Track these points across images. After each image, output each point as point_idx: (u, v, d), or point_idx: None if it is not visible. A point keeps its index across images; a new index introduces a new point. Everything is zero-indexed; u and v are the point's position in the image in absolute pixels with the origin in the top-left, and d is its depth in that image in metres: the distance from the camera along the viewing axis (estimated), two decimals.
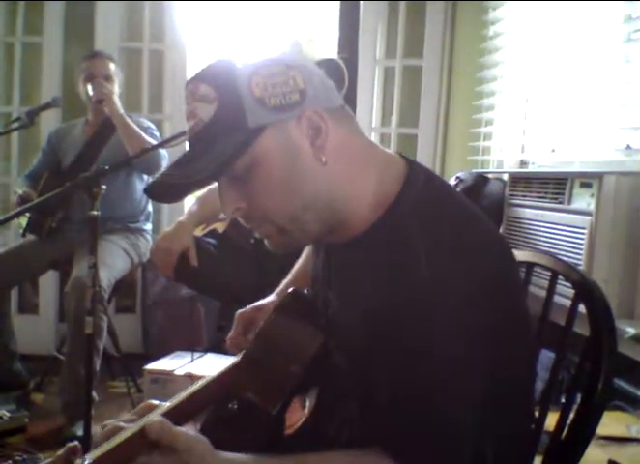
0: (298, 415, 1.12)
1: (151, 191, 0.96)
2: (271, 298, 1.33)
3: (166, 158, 3.01)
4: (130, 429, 0.90)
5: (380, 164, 0.99)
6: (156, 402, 1.01)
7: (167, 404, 0.96)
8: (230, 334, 1.24)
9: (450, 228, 0.91)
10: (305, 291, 1.20)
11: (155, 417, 0.88)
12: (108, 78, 3.04)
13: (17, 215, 2.15)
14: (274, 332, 1.04)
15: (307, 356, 1.00)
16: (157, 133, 3.16)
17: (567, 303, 1.20)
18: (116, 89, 3.09)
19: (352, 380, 0.98)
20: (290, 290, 1.15)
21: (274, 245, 1.00)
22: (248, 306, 1.28)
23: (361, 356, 0.93)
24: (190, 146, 0.95)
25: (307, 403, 1.12)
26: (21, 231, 2.94)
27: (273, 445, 0.94)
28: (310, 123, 0.92)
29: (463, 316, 0.86)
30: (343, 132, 0.96)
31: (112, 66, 3.08)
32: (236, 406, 1.01)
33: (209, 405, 1.00)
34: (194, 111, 0.93)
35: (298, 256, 1.46)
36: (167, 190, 0.95)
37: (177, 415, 0.93)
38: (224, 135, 0.90)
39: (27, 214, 2.90)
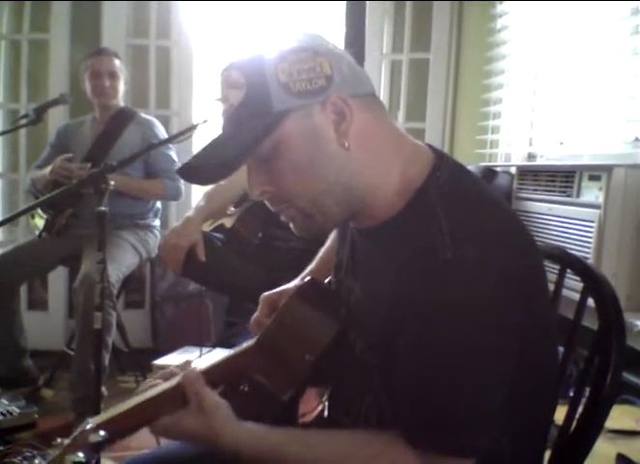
0: (313, 404, 1.12)
1: (184, 174, 1.00)
2: (295, 282, 1.33)
3: (176, 162, 3.04)
4: (164, 385, 0.95)
5: (407, 152, 0.99)
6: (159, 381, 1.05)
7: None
8: (255, 315, 1.25)
9: (478, 216, 0.91)
10: (326, 281, 1.21)
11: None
12: (113, 75, 3.04)
13: (27, 211, 2.15)
14: (289, 318, 1.05)
15: (321, 345, 1.01)
16: (162, 131, 3.15)
17: (576, 296, 1.20)
18: (121, 86, 3.09)
19: (374, 371, 0.98)
20: (308, 278, 1.16)
21: (299, 228, 1.02)
22: (275, 289, 1.29)
23: (385, 344, 0.94)
24: (222, 129, 0.98)
25: (325, 395, 1.12)
26: (37, 232, 2.93)
27: None
28: (335, 108, 0.93)
29: (489, 299, 0.85)
30: (370, 119, 0.97)
31: (117, 62, 3.08)
32: (247, 388, 1.01)
33: (220, 384, 1.01)
34: (227, 97, 0.96)
35: (310, 251, 1.46)
36: (198, 172, 0.98)
37: None
38: (251, 119, 0.93)
39: (44, 215, 2.90)
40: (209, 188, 2.47)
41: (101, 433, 0.88)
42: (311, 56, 0.92)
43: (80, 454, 0.86)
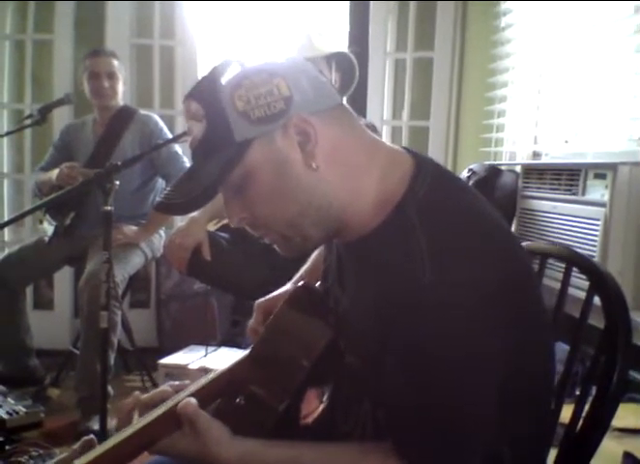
0: (314, 405, 1.12)
1: (161, 209, 0.99)
2: (288, 286, 1.33)
3: (186, 161, 3.04)
4: (158, 410, 0.94)
5: (383, 163, 0.97)
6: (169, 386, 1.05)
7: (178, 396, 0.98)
8: (250, 323, 1.26)
9: (458, 231, 0.89)
10: (317, 284, 1.20)
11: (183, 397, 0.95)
12: (112, 75, 3.03)
13: (32, 211, 2.16)
14: (283, 325, 1.04)
15: (316, 351, 1.00)
16: (161, 126, 3.14)
17: (582, 294, 1.19)
18: (120, 86, 3.09)
19: (365, 381, 0.98)
20: (301, 284, 1.15)
21: (282, 250, 1.03)
22: (268, 296, 1.29)
23: (372, 357, 0.94)
24: (191, 163, 0.99)
25: (325, 396, 1.12)
26: (46, 238, 2.92)
27: (281, 438, 0.96)
28: (298, 130, 0.91)
29: (470, 321, 0.84)
30: (338, 133, 0.95)
31: (115, 62, 3.06)
32: (243, 401, 1.01)
33: (215, 399, 1.01)
34: (190, 129, 0.95)
35: (314, 250, 1.46)
36: (171, 209, 0.99)
37: None
38: (214, 153, 0.92)
39: (53, 222, 2.90)
40: None
41: None
42: (267, 78, 0.90)
43: None
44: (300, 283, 1.16)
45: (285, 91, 0.90)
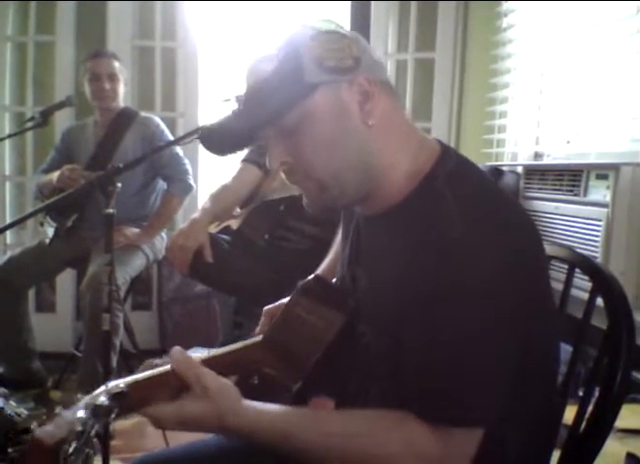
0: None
1: (207, 140, 1.04)
2: None
3: (188, 163, 3.05)
4: (154, 370, 0.97)
5: (416, 142, 1.03)
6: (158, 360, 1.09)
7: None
8: (257, 329, 1.26)
9: (485, 201, 0.96)
10: (333, 281, 1.22)
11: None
12: (113, 77, 3.03)
13: (34, 214, 2.15)
14: (295, 313, 1.06)
15: (327, 338, 1.02)
16: (162, 127, 3.14)
17: (585, 295, 1.19)
18: (121, 88, 3.08)
19: (379, 361, 0.99)
20: (313, 275, 1.17)
21: (312, 202, 1.04)
22: (276, 302, 1.29)
23: (392, 326, 0.95)
24: (248, 98, 1.00)
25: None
26: (47, 240, 2.92)
27: None
28: (361, 88, 0.97)
29: (496, 284, 0.87)
30: (390, 105, 1.01)
31: (116, 64, 3.05)
32: (256, 381, 1.03)
33: (225, 374, 1.01)
34: (255, 68, 1.00)
35: (315, 251, 1.45)
36: (223, 138, 1.03)
37: None
38: (281, 88, 0.96)
39: (53, 223, 2.90)
40: (215, 189, 2.47)
41: (121, 385, 0.92)
42: (341, 39, 0.97)
43: (103, 398, 0.90)
44: (312, 275, 1.17)
45: (355, 52, 0.97)
